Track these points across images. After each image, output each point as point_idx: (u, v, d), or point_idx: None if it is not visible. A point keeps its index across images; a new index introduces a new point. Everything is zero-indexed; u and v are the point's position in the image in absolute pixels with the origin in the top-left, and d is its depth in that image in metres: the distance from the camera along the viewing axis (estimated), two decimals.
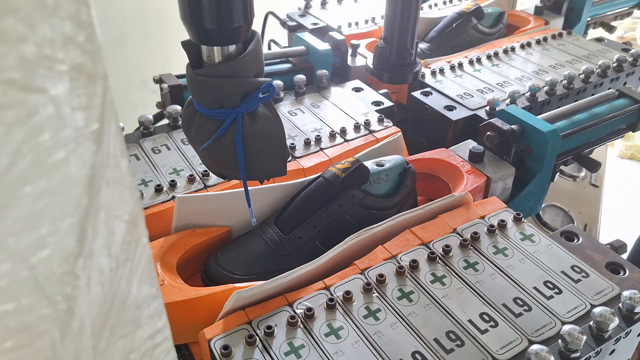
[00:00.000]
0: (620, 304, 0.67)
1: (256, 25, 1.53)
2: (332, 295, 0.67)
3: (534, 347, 0.59)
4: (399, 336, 0.63)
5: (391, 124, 1.02)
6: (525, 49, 1.40)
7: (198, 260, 0.79)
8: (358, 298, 0.67)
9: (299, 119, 1.03)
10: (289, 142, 0.95)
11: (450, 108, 1.12)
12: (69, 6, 0.21)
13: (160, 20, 1.97)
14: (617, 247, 0.80)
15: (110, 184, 0.25)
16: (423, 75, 1.24)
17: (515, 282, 0.70)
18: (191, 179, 0.84)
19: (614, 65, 1.31)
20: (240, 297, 0.64)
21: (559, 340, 0.62)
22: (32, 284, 0.22)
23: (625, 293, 0.67)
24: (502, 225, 0.78)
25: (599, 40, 1.49)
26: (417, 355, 0.61)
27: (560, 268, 0.73)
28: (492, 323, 0.65)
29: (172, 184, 0.83)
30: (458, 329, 0.64)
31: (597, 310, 0.64)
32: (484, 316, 0.66)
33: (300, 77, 1.10)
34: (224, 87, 0.59)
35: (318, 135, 0.98)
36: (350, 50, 1.28)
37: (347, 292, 0.67)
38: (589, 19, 1.67)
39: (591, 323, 0.65)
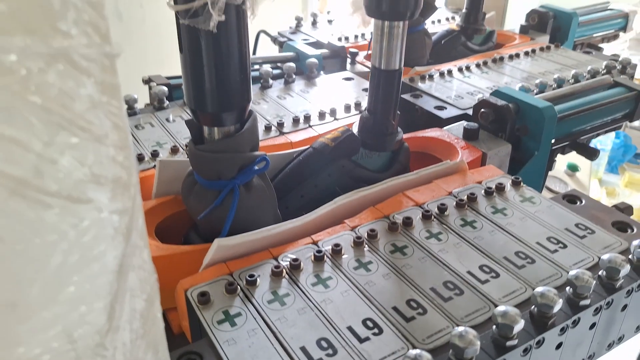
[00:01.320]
0: (630, 255, 0.62)
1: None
2: (320, 248, 0.62)
3: (540, 288, 0.54)
4: (392, 285, 0.58)
5: None
6: (514, 59, 1.41)
7: (179, 230, 0.74)
8: (348, 252, 0.62)
9: (288, 102, 1.03)
10: (276, 120, 0.95)
11: (440, 108, 1.10)
12: (114, 135, 0.26)
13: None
14: (623, 208, 0.76)
15: (135, 269, 0.30)
16: (413, 80, 1.24)
17: (516, 238, 0.66)
18: (174, 150, 0.82)
19: (602, 71, 1.31)
20: (221, 246, 0.59)
21: (567, 288, 0.57)
22: (73, 357, 0.26)
23: (635, 242, 0.62)
24: (500, 187, 0.74)
25: (587, 52, 1.51)
26: (412, 302, 0.56)
27: (563, 226, 0.68)
28: (493, 274, 0.60)
29: (154, 154, 0.81)
30: (456, 279, 0.59)
31: (606, 256, 0.59)
32: (484, 268, 0.61)
33: (290, 65, 1.09)
34: (223, 161, 0.65)
35: (307, 114, 0.97)
36: (349, 59, 1.28)
37: (336, 245, 0.62)
38: (576, 39, 1.69)
39: (601, 272, 0.60)
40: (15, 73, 0.20)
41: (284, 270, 0.59)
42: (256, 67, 1.12)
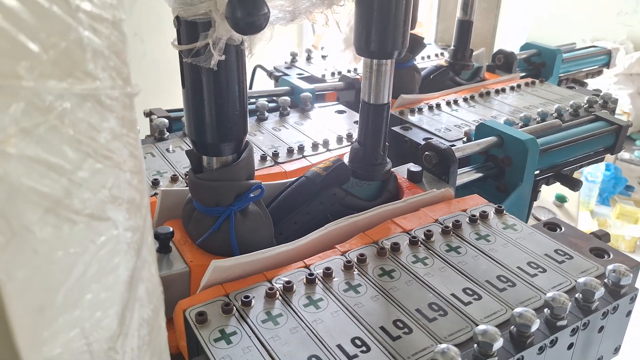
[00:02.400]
0: (605, 279, 0.66)
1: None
2: (311, 272, 0.66)
3: (519, 309, 0.58)
4: (380, 307, 0.61)
5: None
6: (500, 93, 1.46)
7: None
8: (338, 275, 0.66)
9: (283, 133, 1.08)
10: (271, 151, 0.99)
11: (428, 140, 1.14)
12: (130, 162, 0.30)
13: None
14: (600, 235, 0.80)
15: (144, 281, 0.34)
16: (403, 113, 1.30)
17: (498, 263, 0.70)
18: (174, 179, 0.85)
19: (585, 105, 1.36)
20: (217, 267, 0.62)
21: (545, 309, 0.61)
22: (88, 358, 0.29)
23: (610, 267, 0.66)
24: (484, 215, 0.78)
25: (571, 87, 1.57)
26: (398, 322, 0.59)
27: (543, 251, 0.72)
28: (475, 296, 0.64)
29: (155, 182, 0.85)
30: (440, 300, 0.63)
31: (581, 279, 0.62)
32: (467, 290, 0.64)
33: (285, 98, 1.14)
34: (220, 189, 0.69)
35: (301, 145, 1.01)
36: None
37: (327, 268, 0.65)
38: (560, 74, 1.76)
39: (577, 295, 0.63)
40: (53, 110, 0.24)
41: (277, 292, 0.62)
42: (252, 100, 1.17)
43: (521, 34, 2.23)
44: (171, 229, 0.70)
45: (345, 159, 0.87)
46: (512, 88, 1.48)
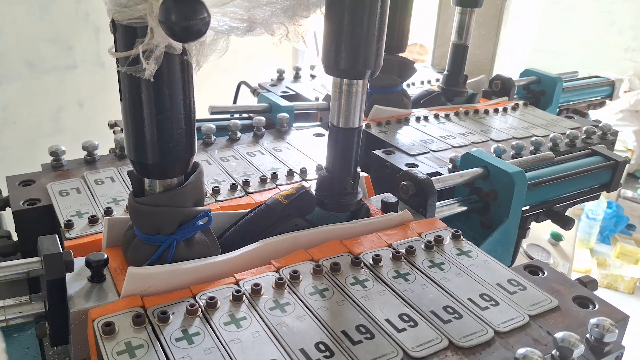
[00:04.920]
0: (587, 334, 0.59)
1: (229, 94, 1.57)
2: (240, 288, 0.62)
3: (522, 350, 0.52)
4: (304, 327, 0.57)
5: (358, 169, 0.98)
6: (479, 114, 1.42)
7: None
8: (268, 292, 0.62)
9: (257, 159, 1.02)
10: (242, 179, 0.92)
11: (412, 165, 1.10)
12: None
13: None
14: (587, 282, 0.73)
15: None
16: (389, 123, 1.28)
17: (448, 293, 0.65)
18: None
19: (582, 136, 1.30)
20: (132, 274, 0.59)
21: None
22: None
23: (593, 320, 0.58)
24: (439, 240, 0.74)
25: (569, 117, 1.52)
26: (320, 345, 0.55)
27: (496, 281, 0.67)
28: (411, 323, 0.59)
29: (108, 211, 0.79)
30: (370, 324, 0.59)
31: (559, 335, 0.55)
32: (404, 317, 0.60)
33: (260, 118, 1.11)
34: (162, 215, 0.62)
35: (274, 173, 0.95)
36: None
37: (256, 285, 0.62)
38: (560, 104, 1.71)
39: (554, 352, 0.56)
40: None
41: (199, 308, 0.59)
42: (227, 116, 1.14)
43: (521, 64, 2.19)
44: (105, 256, 0.64)
45: (313, 188, 0.80)
46: (495, 110, 1.44)
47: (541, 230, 1.66)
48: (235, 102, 1.47)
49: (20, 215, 0.78)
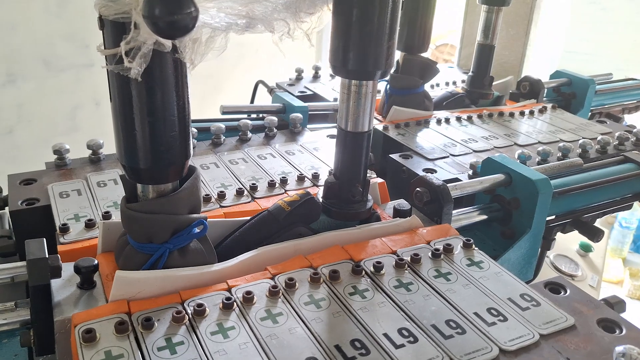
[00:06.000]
0: None
1: (247, 93, 1.55)
2: (231, 295, 0.59)
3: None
4: (296, 341, 0.54)
5: (374, 175, 0.93)
6: (504, 117, 1.36)
7: None
8: (260, 300, 0.59)
9: (267, 162, 0.98)
10: (250, 183, 0.89)
11: (430, 171, 1.05)
12: None
13: None
14: (614, 303, 0.67)
15: None
16: (408, 125, 1.24)
17: (452, 306, 0.61)
18: None
19: (614, 142, 1.22)
20: (120, 278, 0.57)
21: None
22: None
23: (619, 348, 0.54)
24: (448, 249, 0.69)
25: (601, 122, 1.44)
26: None
27: (507, 295, 0.63)
28: (411, 339, 0.55)
29: (106, 216, 0.77)
30: (366, 338, 0.55)
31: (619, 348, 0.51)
32: (403, 331, 0.56)
33: (272, 118, 1.08)
34: (154, 223, 0.59)
35: (284, 177, 0.91)
36: None
37: (248, 292, 0.59)
38: (593, 108, 1.63)
39: None
40: None
41: (186, 316, 0.56)
42: (239, 117, 1.12)
43: (552, 66, 2.11)
44: (95, 262, 0.62)
45: (320, 194, 0.76)
46: (521, 113, 1.38)
47: (570, 240, 1.58)
48: (252, 102, 1.45)
49: (17, 216, 0.76)
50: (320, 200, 0.76)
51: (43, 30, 2.03)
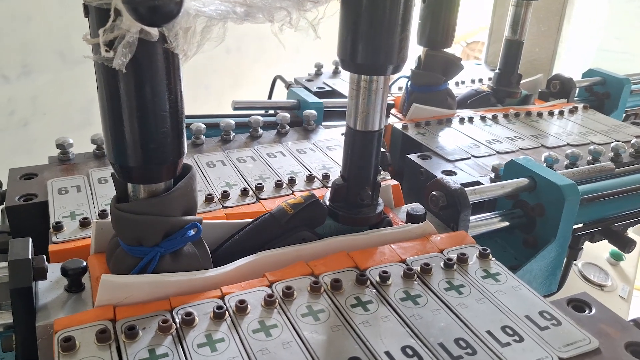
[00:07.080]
0: None
1: (267, 89, 1.51)
2: (224, 303, 0.55)
3: None
4: (289, 356, 0.50)
5: (388, 176, 0.89)
6: (532, 117, 1.30)
7: None
8: (255, 310, 0.55)
9: (277, 161, 0.94)
10: (256, 182, 0.84)
11: (449, 173, 1.00)
12: None
13: None
14: None
15: None
16: (428, 124, 1.18)
17: (463, 323, 0.56)
18: None
19: None
20: (106, 282, 0.54)
21: None
22: None
23: None
24: (462, 259, 0.64)
25: (636, 123, 1.36)
26: None
27: (525, 312, 0.57)
28: (415, 359, 0.50)
29: (102, 215, 0.74)
30: (366, 356, 0.50)
31: None
32: (407, 350, 0.51)
33: (284, 115, 1.04)
34: (144, 224, 0.55)
35: (292, 177, 0.86)
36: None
37: (241, 301, 0.55)
38: (627, 108, 1.54)
39: None
40: None
41: (173, 325, 0.52)
42: (251, 112, 1.08)
43: (586, 64, 2.01)
44: (84, 264, 0.59)
45: (326, 197, 0.72)
46: (550, 113, 1.31)
47: (600, 248, 1.50)
48: (270, 97, 1.41)
49: (13, 211, 0.74)
50: (327, 203, 0.71)
51: (59, 22, 2.01)
